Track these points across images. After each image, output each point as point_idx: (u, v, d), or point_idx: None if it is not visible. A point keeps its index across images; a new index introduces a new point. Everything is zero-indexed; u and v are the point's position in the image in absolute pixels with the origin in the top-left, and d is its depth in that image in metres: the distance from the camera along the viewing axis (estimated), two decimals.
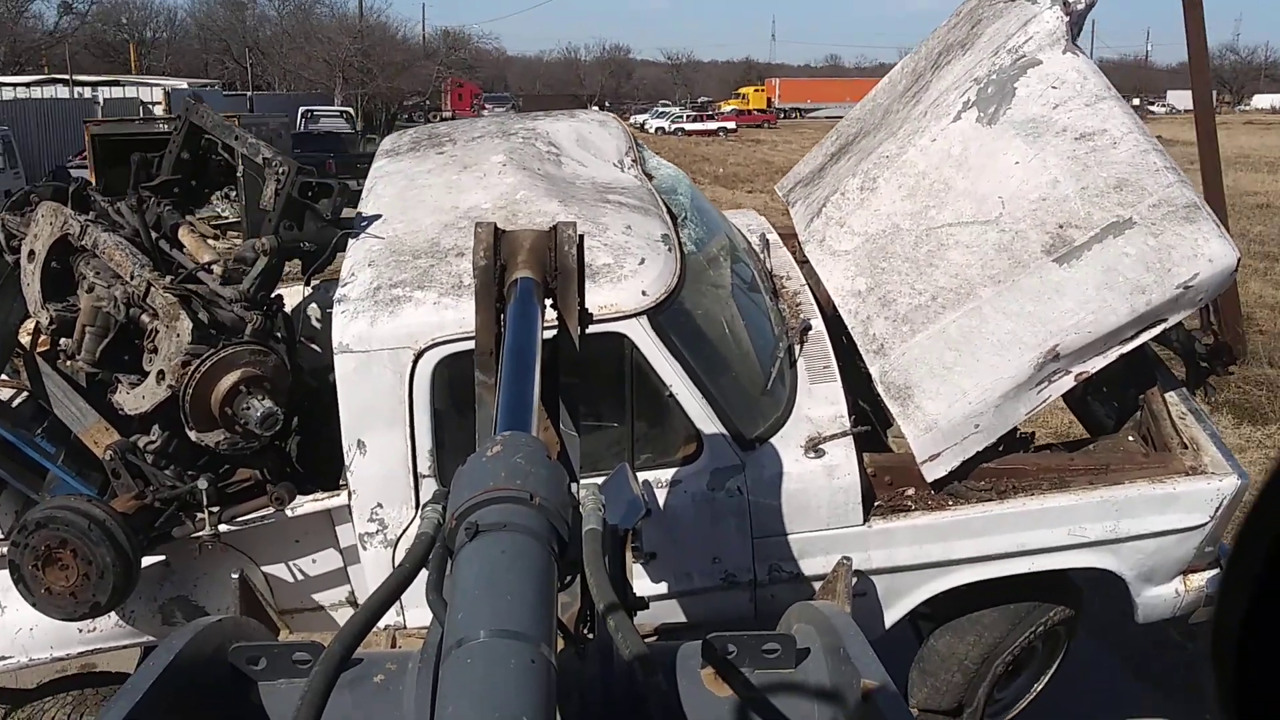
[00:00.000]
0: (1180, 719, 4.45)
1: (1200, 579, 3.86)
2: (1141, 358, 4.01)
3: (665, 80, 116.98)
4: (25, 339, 3.85)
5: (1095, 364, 3.67)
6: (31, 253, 3.67)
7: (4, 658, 3.59)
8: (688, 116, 67.18)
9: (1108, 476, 3.72)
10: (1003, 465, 3.76)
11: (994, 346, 3.62)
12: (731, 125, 64.32)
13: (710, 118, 66.89)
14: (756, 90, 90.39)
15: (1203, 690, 4.51)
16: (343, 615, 3.69)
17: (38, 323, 3.68)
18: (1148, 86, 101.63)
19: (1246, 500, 3.71)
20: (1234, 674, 0.68)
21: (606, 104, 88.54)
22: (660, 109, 78.87)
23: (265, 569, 3.62)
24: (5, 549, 3.28)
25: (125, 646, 3.68)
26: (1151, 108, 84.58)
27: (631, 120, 63.15)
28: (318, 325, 4.49)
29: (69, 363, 3.63)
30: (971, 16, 4.45)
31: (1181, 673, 4.83)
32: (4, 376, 3.86)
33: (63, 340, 3.62)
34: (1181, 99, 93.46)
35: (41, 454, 3.61)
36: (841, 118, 5.31)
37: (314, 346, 4.25)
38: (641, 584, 3.40)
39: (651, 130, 62.50)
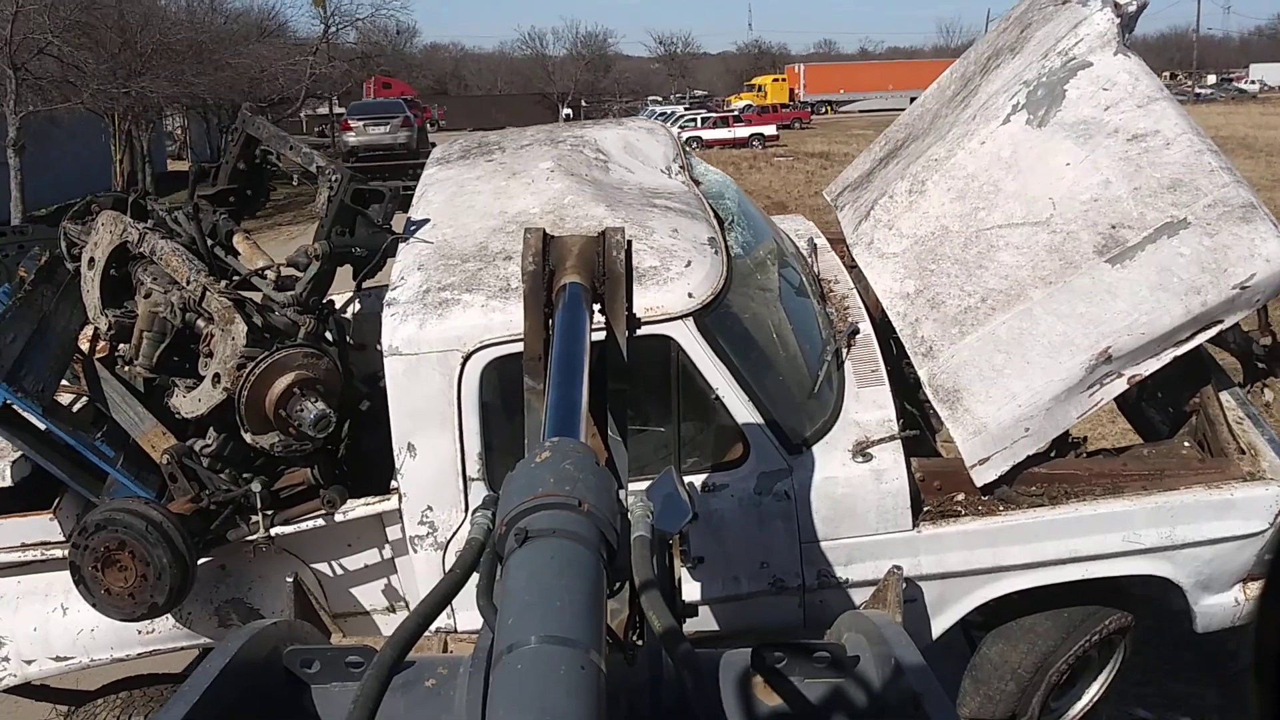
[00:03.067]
0: None
1: (1259, 587, 3.79)
2: (1197, 360, 3.94)
3: (653, 73, 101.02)
4: (85, 345, 3.94)
5: (1148, 366, 3.61)
6: (91, 260, 3.75)
7: (67, 658, 3.66)
8: (703, 120, 47.89)
9: (1162, 482, 3.66)
10: (1054, 470, 3.71)
11: (1045, 348, 3.58)
12: (771, 129, 45.55)
13: (736, 119, 47.81)
14: (776, 80, 73.54)
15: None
16: (393, 619, 3.73)
17: (97, 329, 3.76)
18: (1222, 61, 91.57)
19: None
20: (1275, 687, 0.67)
21: (583, 103, 72.92)
22: (654, 107, 61.42)
23: (317, 572, 3.67)
24: (66, 551, 3.35)
25: (183, 648, 3.75)
26: (1240, 85, 73.34)
27: None
28: (359, 322, 4.54)
29: (127, 368, 3.70)
30: (1021, 20, 4.41)
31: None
32: (65, 382, 3.95)
33: (121, 346, 3.70)
34: (1273, 73, 79.18)
35: (101, 458, 3.68)
36: (881, 110, 5.22)
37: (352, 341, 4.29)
38: (689, 588, 3.40)
39: None
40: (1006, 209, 3.87)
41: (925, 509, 3.61)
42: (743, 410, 3.45)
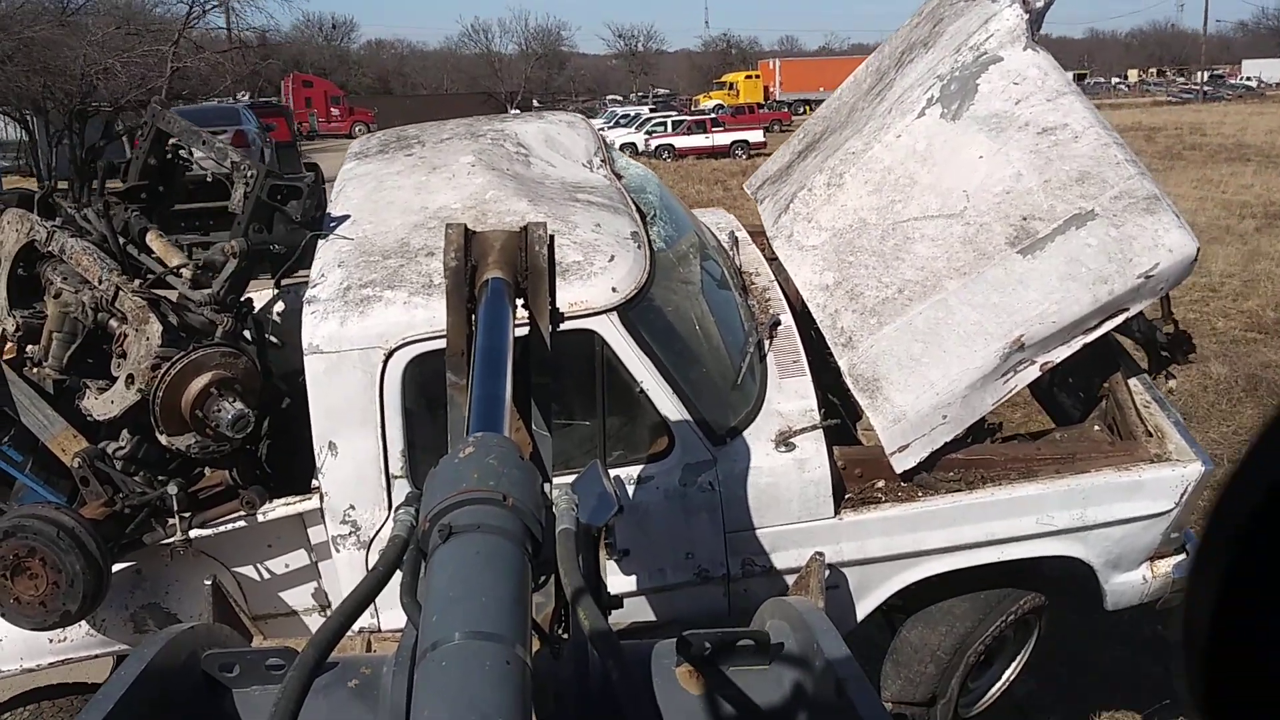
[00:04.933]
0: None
1: (1166, 564, 3.92)
2: (1105, 347, 4.06)
3: (611, 70, 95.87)
4: None
5: (1059, 354, 3.72)
6: None
7: None
8: (674, 124, 39.84)
9: (1074, 465, 3.77)
10: (971, 456, 3.80)
11: (960, 338, 3.67)
12: (757, 135, 37.86)
13: (715, 124, 39.31)
14: (749, 77, 67.69)
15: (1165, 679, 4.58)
16: (316, 620, 3.69)
17: (4, 330, 3.65)
18: (1196, 58, 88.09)
19: (1213, 489, 3.76)
20: (1204, 664, 0.68)
21: (535, 102, 69.19)
22: (614, 108, 57.57)
23: (237, 574, 3.61)
24: None
25: (97, 656, 3.66)
26: (1244, 82, 68.67)
27: None
28: (278, 320, 4.47)
29: (36, 370, 3.60)
30: (933, 15, 4.49)
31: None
32: None
33: (30, 347, 3.59)
34: (1273, 69, 74.39)
35: (8, 462, 3.58)
36: None
37: (273, 339, 4.23)
38: (615, 580, 3.41)
39: (615, 147, 25.93)
40: (922, 201, 3.94)
41: (847, 496, 3.67)
42: (667, 403, 3.47)
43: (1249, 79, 74.97)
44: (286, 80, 54.57)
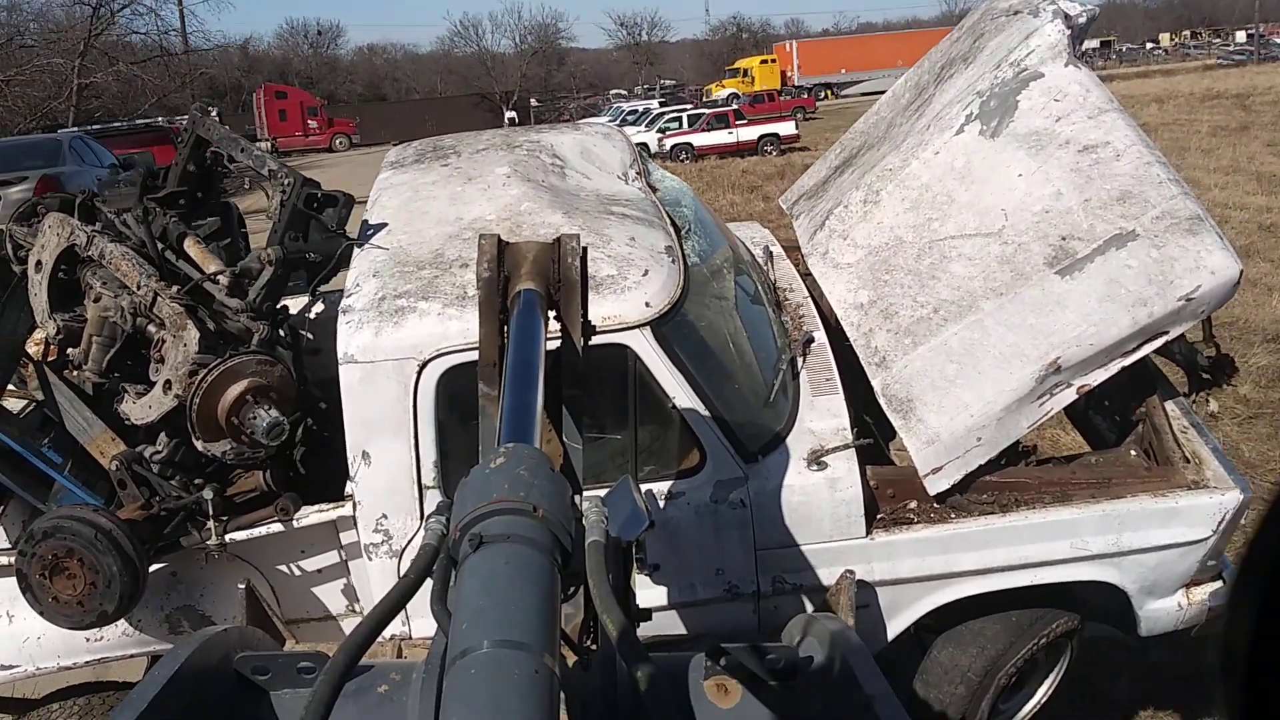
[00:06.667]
0: None
1: (1203, 592, 3.86)
2: (1143, 370, 4.01)
3: (614, 62, 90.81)
4: (33, 349, 3.88)
5: (1097, 377, 3.67)
6: (39, 263, 3.70)
7: (11, 667, 3.60)
8: (691, 119, 35.10)
9: (1110, 490, 3.72)
10: (1005, 478, 3.76)
11: (996, 359, 3.63)
12: (789, 127, 32.76)
13: (739, 117, 33.85)
14: (764, 62, 63.72)
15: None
16: (348, 625, 3.70)
17: (45, 333, 3.70)
18: (1223, 18, 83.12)
19: (1254, 514, 3.70)
20: (1242, 689, 0.68)
21: (533, 101, 64.53)
22: (620, 104, 53.33)
23: (271, 578, 3.63)
24: (12, 558, 3.30)
25: (132, 655, 3.69)
26: None
27: None
28: (315, 325, 4.51)
29: (76, 373, 3.65)
30: (974, 31, 4.47)
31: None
32: (11, 387, 3.89)
33: (70, 350, 3.65)
34: None
35: (48, 464, 3.63)
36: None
37: (308, 335, 4.26)
38: (645, 595, 3.40)
39: None
40: (959, 219, 3.92)
41: (879, 516, 3.65)
42: (699, 419, 3.46)
43: None
44: (258, 92, 52.68)
